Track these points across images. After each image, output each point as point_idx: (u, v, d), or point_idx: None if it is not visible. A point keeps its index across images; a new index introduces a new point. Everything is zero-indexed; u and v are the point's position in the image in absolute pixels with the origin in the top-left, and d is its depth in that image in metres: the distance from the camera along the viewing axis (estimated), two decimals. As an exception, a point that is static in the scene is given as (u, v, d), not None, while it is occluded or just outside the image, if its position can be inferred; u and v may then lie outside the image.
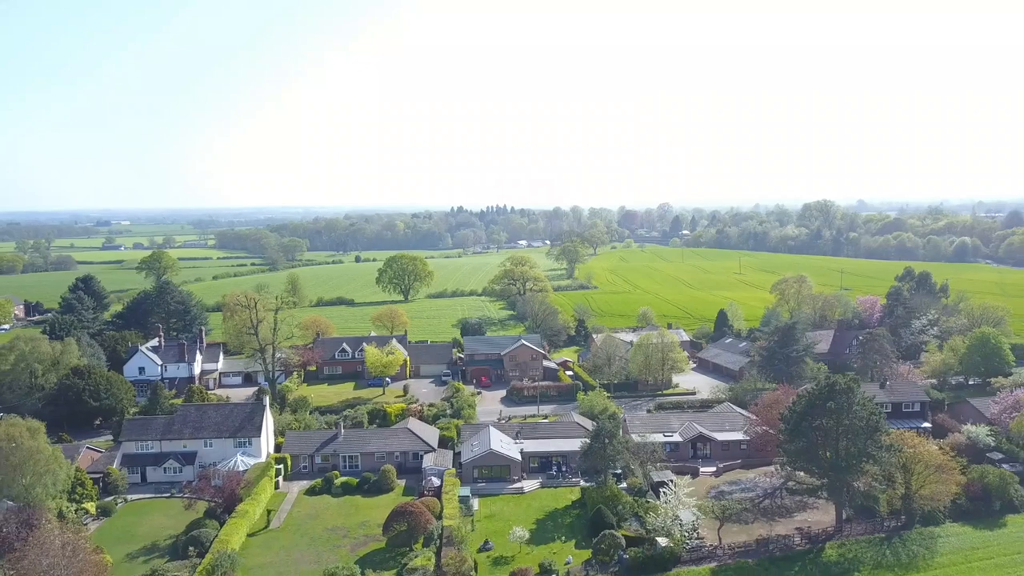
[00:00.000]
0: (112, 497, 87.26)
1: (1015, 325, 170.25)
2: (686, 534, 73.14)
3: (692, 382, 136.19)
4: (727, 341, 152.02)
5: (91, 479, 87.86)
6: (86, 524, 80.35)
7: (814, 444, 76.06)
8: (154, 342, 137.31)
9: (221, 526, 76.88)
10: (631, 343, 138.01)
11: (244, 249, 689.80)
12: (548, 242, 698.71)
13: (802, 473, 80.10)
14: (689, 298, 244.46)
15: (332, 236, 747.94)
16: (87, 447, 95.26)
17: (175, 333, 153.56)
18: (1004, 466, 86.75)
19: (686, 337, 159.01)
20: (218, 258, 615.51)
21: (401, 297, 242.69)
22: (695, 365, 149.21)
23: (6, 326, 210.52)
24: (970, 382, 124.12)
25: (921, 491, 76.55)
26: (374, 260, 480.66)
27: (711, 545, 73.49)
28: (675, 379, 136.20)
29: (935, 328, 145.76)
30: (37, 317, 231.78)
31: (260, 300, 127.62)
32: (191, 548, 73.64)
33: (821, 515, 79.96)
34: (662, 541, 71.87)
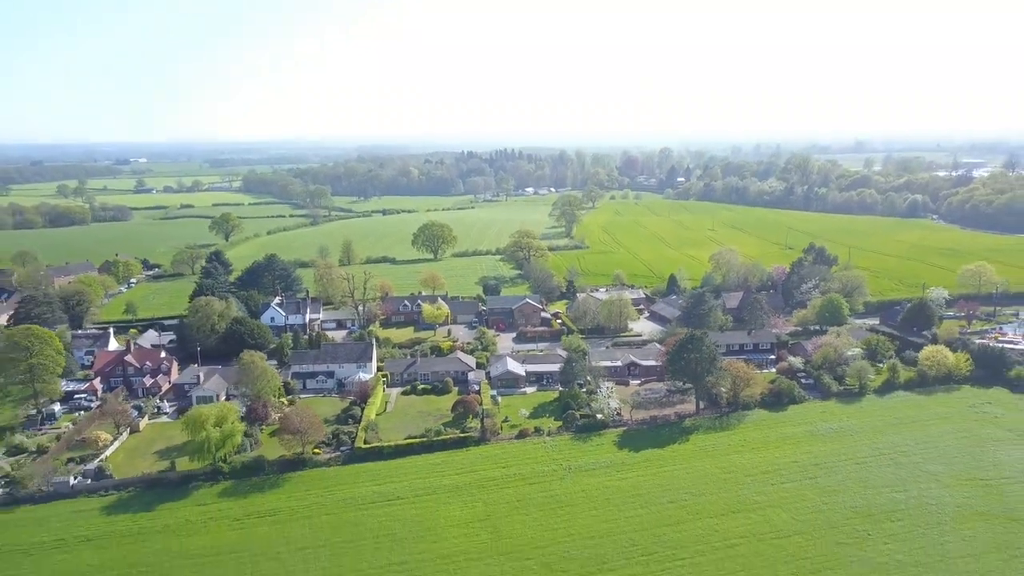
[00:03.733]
0: (292, 396, 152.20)
1: (883, 284, 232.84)
2: (612, 413, 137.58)
3: (643, 328, 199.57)
4: (672, 298, 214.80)
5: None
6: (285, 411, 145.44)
7: (683, 366, 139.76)
8: (277, 299, 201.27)
9: (361, 410, 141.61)
10: (601, 300, 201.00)
11: (270, 194, 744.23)
12: (553, 189, 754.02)
13: (679, 380, 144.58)
14: (661, 257, 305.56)
15: (352, 181, 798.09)
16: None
17: (280, 291, 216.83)
18: (803, 380, 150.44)
19: (642, 294, 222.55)
20: (249, 204, 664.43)
21: (432, 256, 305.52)
22: (648, 315, 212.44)
23: (134, 280, 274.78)
24: (824, 329, 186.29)
25: (743, 392, 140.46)
26: (398, 212, 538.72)
27: (626, 419, 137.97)
28: (632, 326, 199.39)
29: (817, 290, 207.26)
30: (148, 273, 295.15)
31: (355, 277, 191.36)
32: (350, 419, 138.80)
33: (690, 406, 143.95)
34: (599, 416, 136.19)
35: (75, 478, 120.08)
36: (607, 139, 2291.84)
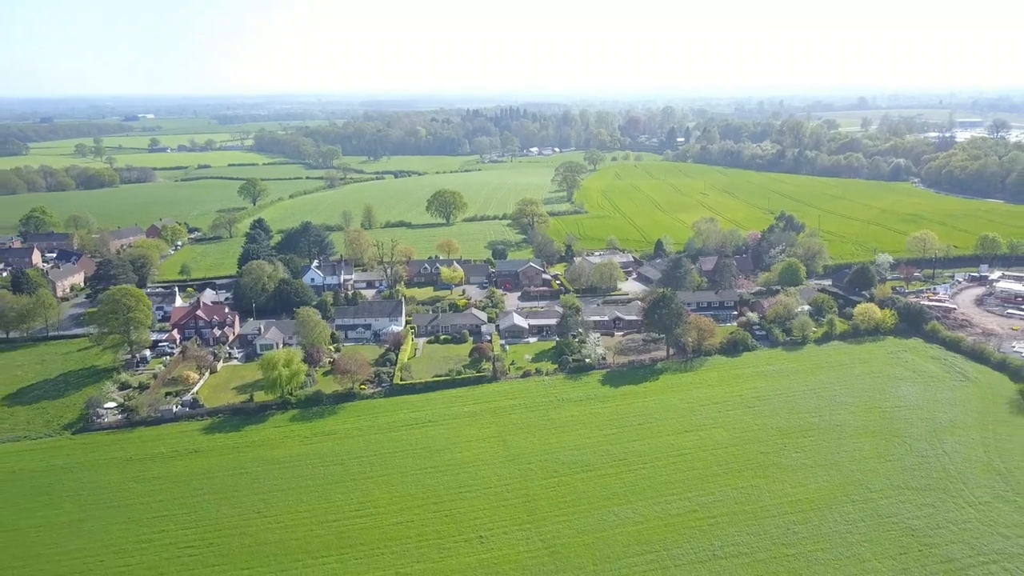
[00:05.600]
0: (337, 344, 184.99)
1: (845, 248, 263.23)
2: (599, 358, 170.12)
3: (630, 288, 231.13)
4: (657, 261, 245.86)
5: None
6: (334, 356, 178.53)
7: (657, 320, 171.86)
8: (315, 262, 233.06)
9: (396, 355, 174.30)
10: (595, 263, 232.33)
11: (283, 153, 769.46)
12: (558, 149, 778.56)
13: (654, 332, 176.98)
14: (653, 222, 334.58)
15: (361, 141, 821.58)
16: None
17: (316, 255, 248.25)
18: (757, 332, 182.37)
19: (631, 258, 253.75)
20: (264, 164, 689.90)
21: (444, 221, 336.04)
22: (636, 277, 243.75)
23: (180, 243, 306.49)
24: (786, 288, 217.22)
25: (705, 342, 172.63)
26: (409, 174, 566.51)
27: (610, 363, 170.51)
28: (621, 286, 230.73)
29: (784, 254, 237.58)
30: (191, 236, 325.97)
31: (384, 243, 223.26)
32: (387, 362, 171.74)
33: (662, 353, 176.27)
34: (588, 360, 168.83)
35: (176, 407, 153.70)
36: (613, 92, 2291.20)
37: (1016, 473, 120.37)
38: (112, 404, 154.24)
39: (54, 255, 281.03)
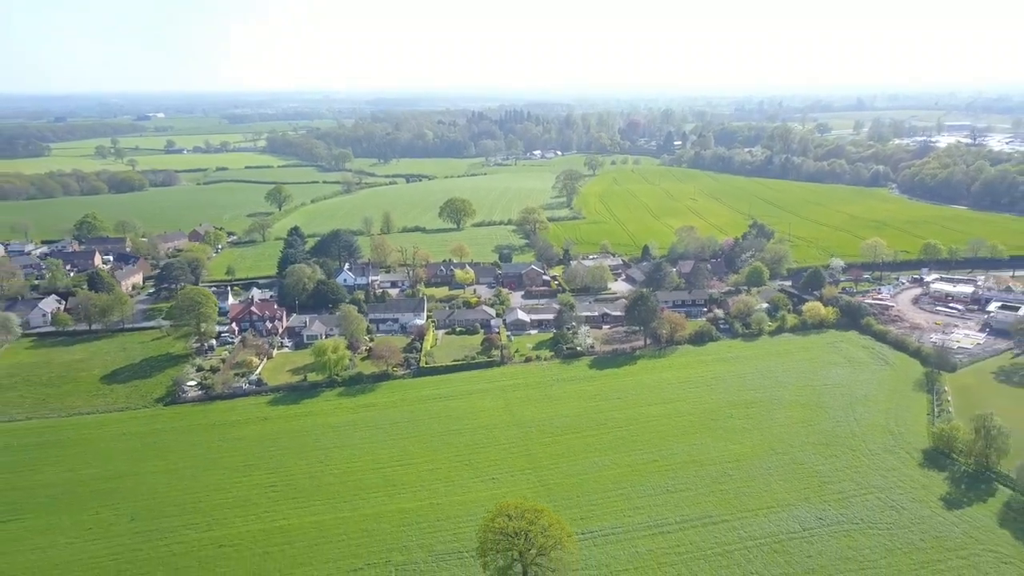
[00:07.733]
0: (371, 335, 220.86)
1: (809, 252, 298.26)
2: (588, 347, 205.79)
3: (619, 288, 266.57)
4: (643, 264, 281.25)
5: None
6: (369, 345, 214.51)
7: (636, 315, 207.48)
8: (347, 265, 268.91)
9: (420, 344, 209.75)
10: (588, 266, 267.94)
11: (295, 155, 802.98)
12: (560, 152, 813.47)
13: (634, 325, 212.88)
14: (644, 227, 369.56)
15: (371, 144, 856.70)
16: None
17: (346, 258, 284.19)
18: (722, 325, 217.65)
19: (621, 261, 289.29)
20: (278, 167, 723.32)
21: (455, 226, 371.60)
22: (624, 278, 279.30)
23: (220, 246, 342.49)
24: (751, 289, 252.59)
25: (677, 334, 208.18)
26: (420, 179, 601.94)
27: (597, 351, 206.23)
28: (610, 286, 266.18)
29: (753, 259, 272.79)
30: (229, 240, 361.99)
31: (406, 249, 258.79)
32: (413, 349, 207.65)
33: (640, 343, 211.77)
34: (579, 348, 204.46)
35: (245, 385, 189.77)
36: (615, 90, 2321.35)
37: (906, 434, 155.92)
38: (193, 382, 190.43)
39: (110, 257, 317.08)
